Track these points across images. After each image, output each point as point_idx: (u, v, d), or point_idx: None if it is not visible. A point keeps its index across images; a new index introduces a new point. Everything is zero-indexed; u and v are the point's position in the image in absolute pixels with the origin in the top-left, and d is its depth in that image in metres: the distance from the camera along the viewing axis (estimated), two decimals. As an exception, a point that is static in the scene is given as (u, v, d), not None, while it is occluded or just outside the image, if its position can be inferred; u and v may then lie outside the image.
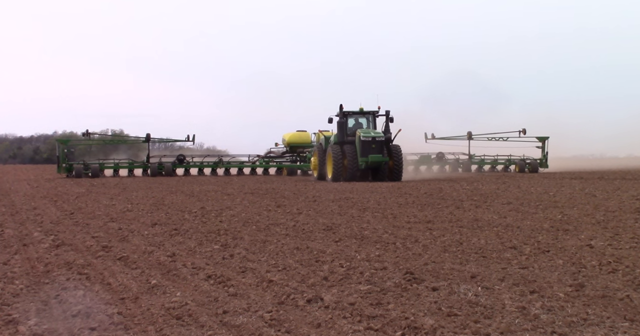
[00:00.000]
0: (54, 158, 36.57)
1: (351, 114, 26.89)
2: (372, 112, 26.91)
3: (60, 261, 7.28)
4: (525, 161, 35.26)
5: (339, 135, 26.03)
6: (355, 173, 24.93)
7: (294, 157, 36.57)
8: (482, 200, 14.09)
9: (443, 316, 4.62)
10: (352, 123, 26.90)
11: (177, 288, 5.83)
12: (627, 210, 11.37)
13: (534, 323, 4.40)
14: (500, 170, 36.21)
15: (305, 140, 36.25)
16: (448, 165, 36.20)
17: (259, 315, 4.81)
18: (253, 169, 35.52)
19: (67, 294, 5.62)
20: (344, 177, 24.84)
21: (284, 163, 36.28)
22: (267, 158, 37.19)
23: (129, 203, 15.70)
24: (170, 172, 33.05)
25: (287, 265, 6.70)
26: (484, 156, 36.81)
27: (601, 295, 5.07)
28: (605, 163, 52.30)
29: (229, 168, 35.03)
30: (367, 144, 24.84)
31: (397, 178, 25.30)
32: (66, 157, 32.88)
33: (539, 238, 8.10)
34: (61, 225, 11.14)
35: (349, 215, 11.65)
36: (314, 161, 28.26)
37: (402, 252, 7.34)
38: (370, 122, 26.96)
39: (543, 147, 35.21)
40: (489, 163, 36.58)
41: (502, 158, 36.50)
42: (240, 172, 35.04)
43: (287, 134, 37.23)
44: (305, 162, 35.03)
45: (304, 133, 36.74)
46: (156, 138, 36.26)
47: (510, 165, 36.10)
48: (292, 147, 36.64)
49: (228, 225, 10.50)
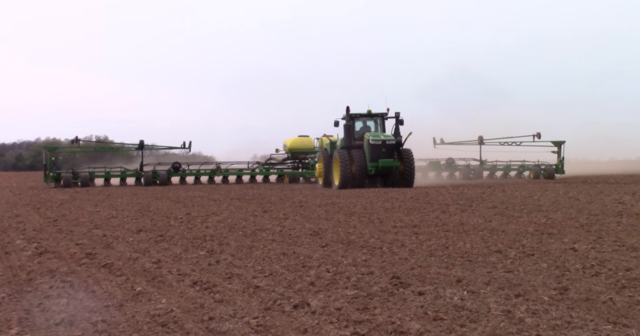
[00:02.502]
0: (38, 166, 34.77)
1: (358, 117, 25.30)
2: (381, 114, 25.32)
3: (43, 269, 7.18)
4: (540, 166, 33.09)
5: (346, 139, 24.58)
6: (363, 179, 23.62)
7: (295, 164, 34.87)
8: (467, 204, 14.18)
9: (429, 321, 4.63)
10: (359, 127, 25.30)
11: (162, 295, 5.78)
12: (610, 213, 11.51)
13: (519, 327, 4.43)
14: (514, 177, 33.73)
15: (307, 145, 34.42)
16: (458, 172, 33.71)
17: (245, 321, 4.79)
18: (252, 177, 33.69)
19: (50, 302, 5.54)
20: (351, 183, 23.45)
21: (285, 170, 34.53)
22: (268, 165, 35.25)
23: (113, 209, 15.56)
24: (166, 181, 31.19)
25: (274, 271, 6.68)
26: (496, 162, 34.32)
27: (585, 298, 5.13)
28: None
29: (227, 176, 33.23)
30: (376, 148, 23.46)
31: (409, 184, 23.79)
32: (54, 165, 31.30)
33: (523, 242, 8.17)
34: (44, 232, 10.99)
35: (336, 220, 11.66)
36: (319, 167, 26.62)
37: (389, 257, 7.36)
38: (379, 125, 25.39)
39: (559, 152, 33.00)
40: (502, 170, 34.11)
41: (515, 163, 34.05)
42: (239, 179, 33.25)
43: (289, 139, 35.01)
44: (307, 169, 33.42)
45: (306, 138, 34.89)
46: (150, 146, 34.61)
47: (524, 171, 33.74)
48: (293, 153, 34.40)
49: (214, 231, 10.45)
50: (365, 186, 23.46)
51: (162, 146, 36.75)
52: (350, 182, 23.51)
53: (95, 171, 32.63)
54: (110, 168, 33.24)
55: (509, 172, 34.10)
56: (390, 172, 23.95)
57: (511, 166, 34.12)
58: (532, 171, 33.01)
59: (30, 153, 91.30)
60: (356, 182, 23.55)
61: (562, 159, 33.07)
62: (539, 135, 32.62)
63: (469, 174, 33.27)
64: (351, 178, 23.59)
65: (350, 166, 23.69)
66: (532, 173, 32.83)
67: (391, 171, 23.94)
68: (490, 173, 33.93)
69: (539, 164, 33.34)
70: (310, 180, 33.18)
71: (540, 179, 31.44)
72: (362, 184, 23.56)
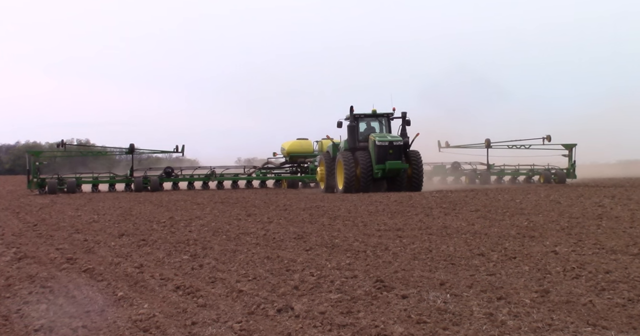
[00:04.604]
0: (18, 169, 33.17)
1: (363, 117, 24.24)
2: (387, 115, 24.31)
3: (22, 274, 7.06)
4: (551, 171, 31.85)
5: (350, 141, 23.57)
6: (369, 182, 22.44)
7: (294, 168, 33.15)
8: (450, 208, 14.28)
9: (412, 324, 4.65)
10: (363, 128, 24.32)
11: (144, 299, 5.72)
12: (590, 216, 11.68)
13: (501, 329, 4.47)
14: (523, 181, 32.33)
15: (306, 149, 32.75)
16: (465, 176, 32.31)
17: (229, 326, 4.76)
18: (249, 182, 32.46)
19: (29, 308, 5.45)
20: (356, 187, 22.35)
21: (283, 174, 33.23)
22: (265, 169, 33.67)
23: (95, 213, 15.37)
24: (157, 187, 29.73)
25: (258, 275, 6.66)
26: (504, 166, 32.98)
27: (565, 301, 5.19)
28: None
29: (222, 181, 31.84)
30: (383, 149, 22.37)
31: (417, 187, 22.83)
32: (38, 170, 29.59)
33: (505, 245, 8.25)
34: (23, 237, 10.82)
35: (320, 223, 11.65)
36: (320, 171, 25.26)
37: (373, 260, 7.37)
38: (384, 126, 24.37)
39: (570, 155, 31.23)
40: (510, 174, 32.71)
41: (524, 167, 32.73)
42: (234, 185, 32.04)
43: (287, 143, 33.61)
44: (306, 173, 32.26)
45: (305, 141, 33.26)
46: (141, 150, 33.05)
47: (534, 175, 32.39)
48: (292, 156, 32.91)
49: (197, 234, 10.38)
50: (370, 190, 22.34)
51: (154, 150, 35.59)
52: (355, 186, 22.39)
53: (83, 177, 31.04)
54: (99, 173, 31.62)
55: (517, 177, 32.71)
56: (398, 174, 22.88)
57: (520, 170, 32.80)
58: (542, 175, 31.70)
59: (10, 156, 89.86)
60: (361, 185, 22.38)
61: (573, 163, 31.25)
62: (549, 137, 30.97)
63: (475, 179, 31.54)
64: (356, 181, 22.44)
65: (355, 169, 22.56)
66: (542, 177, 31.55)
67: (399, 174, 22.87)
68: (498, 177, 32.52)
69: (549, 168, 32.06)
70: (309, 185, 31.90)
71: (551, 184, 30.01)
72: (368, 188, 22.39)
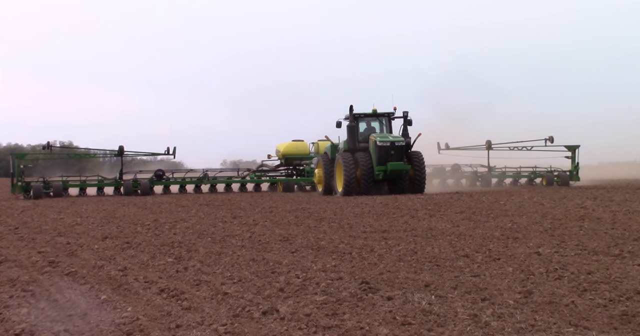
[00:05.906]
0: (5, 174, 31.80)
1: (363, 117, 23.50)
2: (387, 114, 23.53)
3: (3, 278, 6.96)
4: (553, 173, 30.86)
5: (350, 141, 22.81)
6: (369, 185, 21.72)
7: (289, 171, 32.09)
8: (436, 209, 14.36)
9: (397, 326, 4.67)
10: (363, 128, 23.60)
11: (128, 303, 5.67)
12: (572, 218, 11.82)
13: (485, 330, 4.51)
14: (524, 184, 31.31)
15: (302, 151, 31.71)
16: (465, 179, 31.44)
17: (214, 329, 4.73)
18: (243, 185, 31.31)
19: (10, 312, 5.37)
20: (356, 190, 21.65)
21: (278, 177, 32.16)
22: (259, 172, 32.59)
23: (78, 216, 15.20)
24: (148, 191, 28.59)
25: (243, 277, 6.63)
26: (505, 168, 32.11)
27: (548, 301, 5.24)
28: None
29: (215, 184, 30.70)
30: (384, 150, 21.65)
31: (420, 189, 22.17)
32: (22, 173, 28.47)
33: (490, 247, 8.32)
34: (4, 240, 10.67)
35: (306, 225, 11.65)
36: (318, 173, 24.38)
37: (358, 262, 7.39)
38: (385, 126, 23.61)
39: (573, 157, 30.52)
40: (511, 176, 31.68)
41: (526, 169, 31.83)
42: (228, 188, 30.98)
43: (282, 144, 32.67)
44: (302, 176, 31.36)
45: (301, 143, 32.28)
46: (132, 152, 31.83)
47: (536, 177, 31.36)
48: (287, 158, 31.89)
49: (182, 237, 10.31)
50: (371, 193, 21.55)
51: (144, 152, 33.60)
52: (355, 189, 21.70)
53: (70, 180, 29.94)
54: (87, 177, 30.71)
55: (519, 179, 31.74)
56: (400, 176, 22.19)
57: (521, 172, 31.90)
58: (544, 178, 30.68)
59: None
60: (362, 188, 21.69)
61: (576, 165, 30.46)
62: (552, 139, 30.36)
63: (476, 181, 30.67)
64: (356, 184, 21.77)
65: (355, 171, 21.84)
66: (545, 179, 30.52)
67: (400, 175, 22.18)
68: (499, 180, 31.52)
69: (552, 170, 31.14)
70: (305, 188, 31.16)
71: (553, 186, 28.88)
72: (368, 190, 21.63)
